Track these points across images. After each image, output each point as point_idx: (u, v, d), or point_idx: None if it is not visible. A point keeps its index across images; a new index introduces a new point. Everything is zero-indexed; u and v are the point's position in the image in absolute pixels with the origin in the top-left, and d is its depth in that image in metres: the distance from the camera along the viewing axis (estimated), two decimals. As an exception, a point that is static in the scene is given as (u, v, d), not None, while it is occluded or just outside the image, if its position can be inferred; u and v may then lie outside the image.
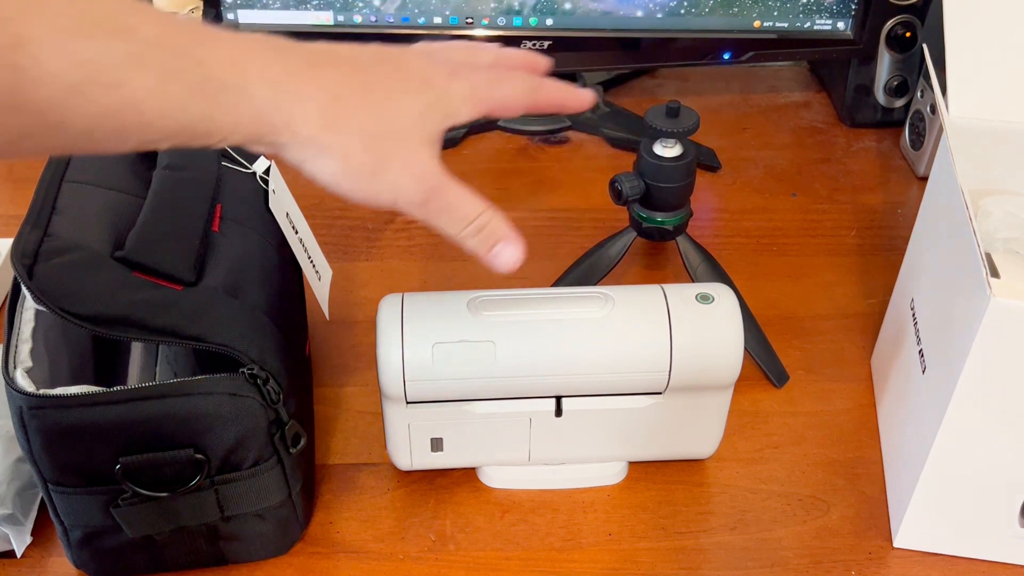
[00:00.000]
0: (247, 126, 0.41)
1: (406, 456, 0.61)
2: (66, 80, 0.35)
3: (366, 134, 0.43)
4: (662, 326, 0.57)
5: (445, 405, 0.58)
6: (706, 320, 0.57)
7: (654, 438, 0.62)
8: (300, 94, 0.42)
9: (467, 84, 0.47)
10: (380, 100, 0.44)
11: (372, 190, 0.44)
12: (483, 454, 0.62)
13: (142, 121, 0.38)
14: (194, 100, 0.39)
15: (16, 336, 0.55)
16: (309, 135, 0.42)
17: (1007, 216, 0.55)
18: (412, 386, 0.56)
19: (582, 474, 0.64)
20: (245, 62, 0.41)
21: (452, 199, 0.46)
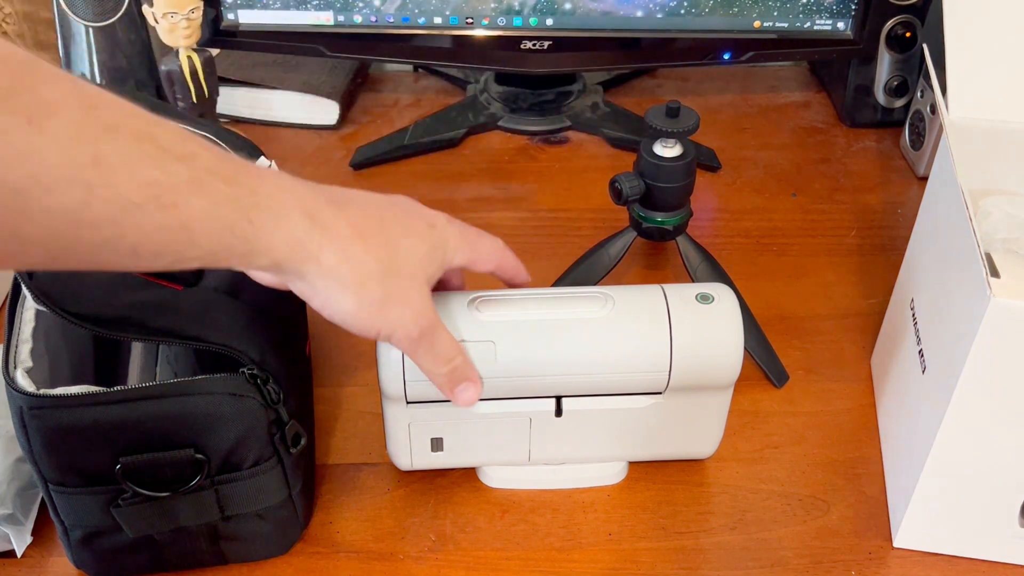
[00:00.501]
0: (280, 252, 0.44)
1: (406, 456, 0.61)
2: (131, 199, 0.37)
3: (380, 270, 0.48)
4: (662, 326, 0.56)
5: (445, 405, 0.58)
6: (706, 320, 0.57)
7: (654, 438, 0.62)
8: (330, 227, 0.46)
9: (458, 229, 0.54)
10: (394, 238, 0.49)
11: (376, 322, 0.49)
12: (483, 454, 0.62)
13: (189, 239, 0.40)
14: (240, 224, 0.42)
15: (16, 336, 0.55)
16: (332, 264, 0.46)
17: (1006, 217, 0.55)
18: (412, 386, 0.56)
19: (582, 474, 0.64)
20: (286, 194, 0.45)
21: (438, 339, 0.52)
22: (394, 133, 0.97)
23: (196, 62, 0.82)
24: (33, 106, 0.35)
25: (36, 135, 0.34)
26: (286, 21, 0.90)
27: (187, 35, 0.81)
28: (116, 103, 0.38)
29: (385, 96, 1.06)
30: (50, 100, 0.35)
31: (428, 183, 0.92)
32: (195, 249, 0.41)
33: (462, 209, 0.89)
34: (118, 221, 0.38)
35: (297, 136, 0.99)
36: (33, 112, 0.34)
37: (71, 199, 0.36)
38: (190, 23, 0.80)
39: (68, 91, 0.36)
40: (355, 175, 0.93)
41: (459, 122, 0.99)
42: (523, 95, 1.01)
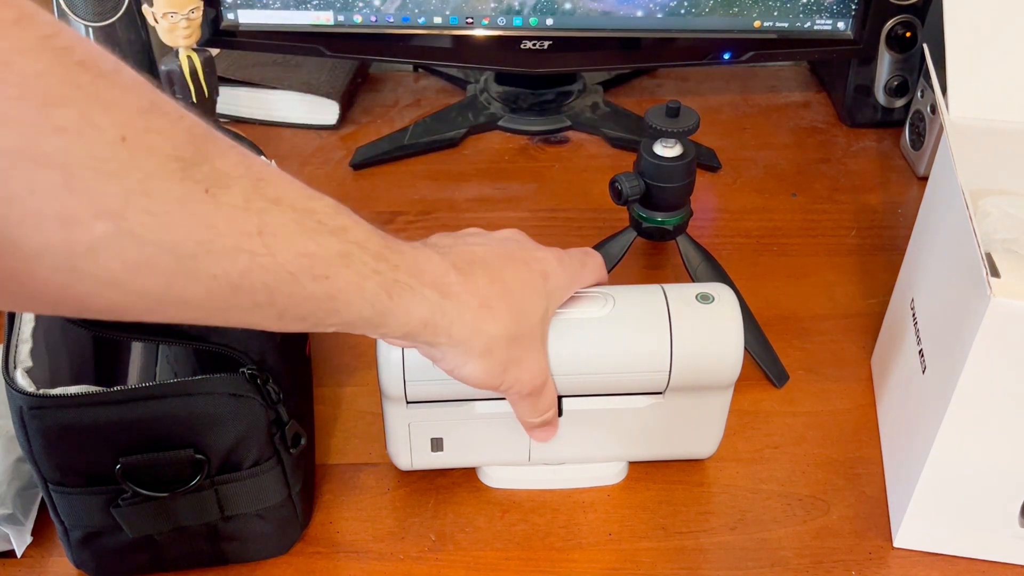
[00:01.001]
0: (414, 326, 0.46)
1: (406, 456, 0.61)
2: (287, 268, 0.39)
3: (506, 338, 0.50)
4: (662, 326, 0.56)
5: (445, 405, 0.58)
6: (706, 320, 0.57)
7: (654, 438, 0.62)
8: (460, 300, 0.48)
9: (568, 273, 0.56)
10: (517, 302, 0.51)
11: (497, 381, 0.52)
12: (483, 454, 0.62)
13: (332, 308, 0.42)
14: (381, 297, 0.44)
15: (16, 336, 0.55)
16: (463, 338, 0.49)
17: (1006, 216, 0.55)
18: (412, 387, 0.56)
19: (582, 474, 0.64)
20: (423, 269, 0.47)
21: (543, 396, 0.55)
22: (394, 133, 0.97)
23: (196, 62, 0.82)
24: (212, 177, 0.36)
25: (212, 204, 0.36)
26: (286, 21, 0.90)
27: (187, 35, 0.81)
28: (279, 176, 0.40)
29: (385, 96, 1.06)
30: (225, 172, 0.37)
31: (428, 183, 0.92)
32: (335, 317, 0.43)
33: (462, 209, 0.89)
34: (272, 289, 0.39)
35: (297, 136, 0.99)
36: (211, 183, 0.36)
37: (235, 266, 0.37)
38: (190, 23, 0.80)
39: (239, 163, 0.38)
40: (355, 175, 0.93)
41: (459, 122, 0.98)
42: (523, 95, 1.01)
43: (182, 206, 0.35)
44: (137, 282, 0.35)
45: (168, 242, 0.35)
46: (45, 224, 0.32)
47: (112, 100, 0.33)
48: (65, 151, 0.32)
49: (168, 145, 0.35)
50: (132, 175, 0.33)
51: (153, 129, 0.34)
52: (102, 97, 0.33)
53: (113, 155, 0.33)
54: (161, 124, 0.35)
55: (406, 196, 0.90)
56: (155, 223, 0.34)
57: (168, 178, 0.34)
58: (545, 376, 0.54)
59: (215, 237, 0.36)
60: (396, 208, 0.88)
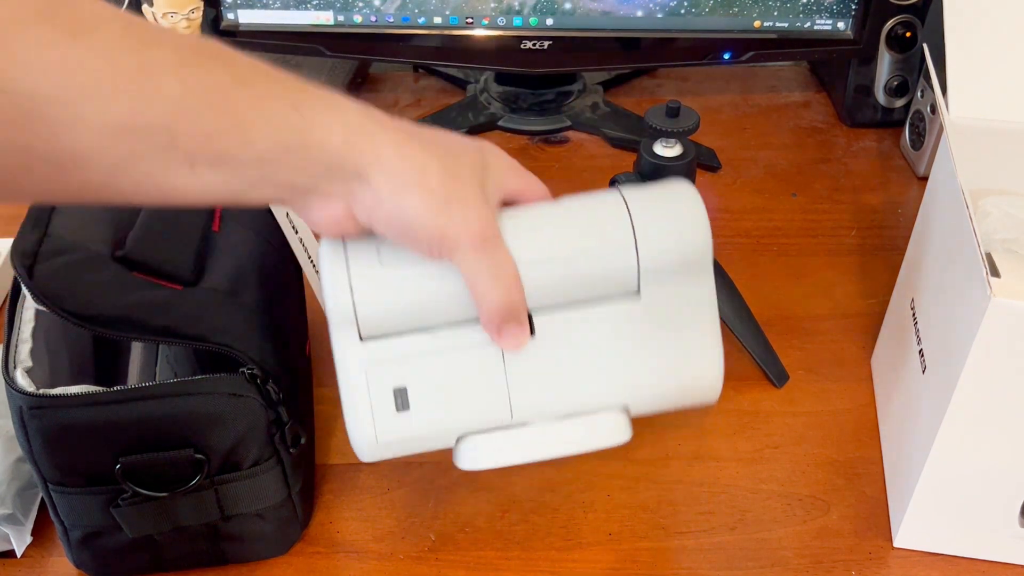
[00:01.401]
0: (336, 145, 0.43)
1: (367, 426, 0.51)
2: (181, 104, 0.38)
3: (440, 169, 0.45)
4: (618, 205, 0.52)
5: (404, 338, 0.51)
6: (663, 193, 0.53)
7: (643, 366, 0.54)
8: (381, 125, 0.45)
9: (506, 158, 0.52)
10: (444, 144, 0.47)
11: (442, 221, 0.45)
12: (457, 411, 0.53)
13: (243, 139, 0.40)
14: (291, 116, 0.41)
15: (16, 336, 0.55)
16: (392, 159, 0.44)
17: (1005, 216, 0.55)
18: (364, 309, 0.49)
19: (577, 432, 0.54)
20: (335, 101, 0.43)
21: (501, 254, 0.48)
22: (394, 133, 0.97)
23: (196, 62, 0.82)
24: (77, 19, 0.35)
25: (82, 47, 0.35)
26: (286, 21, 0.90)
27: (187, 35, 0.81)
28: (153, 24, 0.38)
29: (385, 96, 1.06)
30: (92, 15, 0.35)
31: (428, 183, 0.92)
32: (250, 150, 0.40)
33: (462, 209, 0.89)
34: (170, 128, 0.37)
35: (297, 136, 0.99)
36: (77, 25, 0.35)
37: (121, 107, 0.36)
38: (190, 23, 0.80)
39: (105, 8, 0.36)
40: (355, 175, 0.93)
41: (459, 122, 0.98)
42: (523, 95, 1.01)
43: (46, 50, 0.34)
44: (18, 137, 0.34)
45: (38, 90, 0.34)
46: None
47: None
48: None
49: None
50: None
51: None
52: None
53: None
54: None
55: (406, 196, 0.90)
56: (18, 71, 0.33)
57: (25, 22, 0.34)
58: (496, 227, 0.48)
59: (90, 80, 0.35)
60: (396, 208, 0.88)
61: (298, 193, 0.44)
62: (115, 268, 0.52)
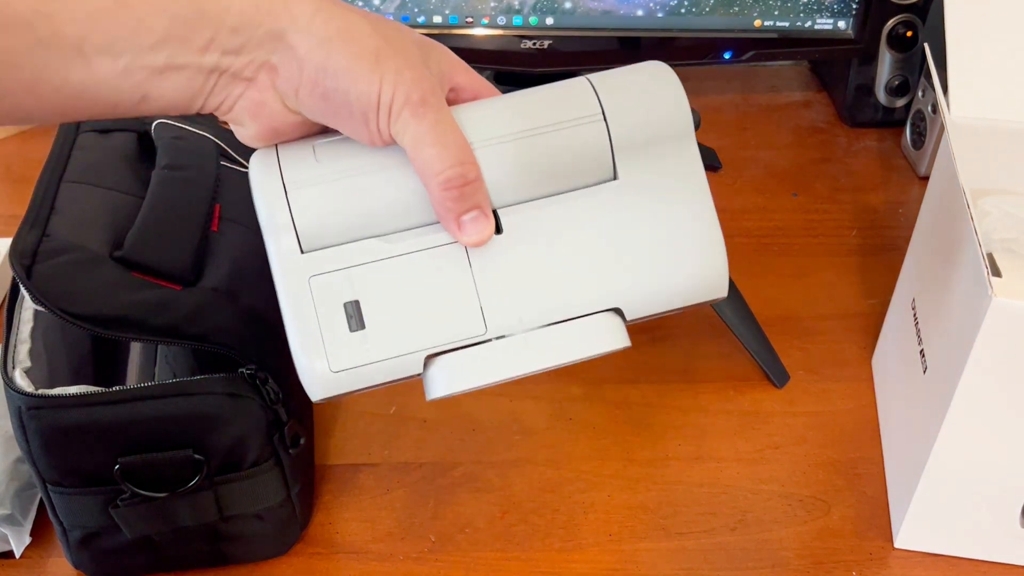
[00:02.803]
0: (243, 8, 0.38)
1: (319, 352, 0.43)
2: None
3: (367, 24, 0.41)
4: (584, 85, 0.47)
5: (352, 245, 0.44)
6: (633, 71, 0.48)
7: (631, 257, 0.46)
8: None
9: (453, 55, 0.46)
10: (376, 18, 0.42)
11: (375, 75, 0.40)
12: (420, 325, 0.44)
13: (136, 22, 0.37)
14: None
15: (15, 336, 0.55)
16: (308, 15, 0.39)
17: (1006, 216, 0.55)
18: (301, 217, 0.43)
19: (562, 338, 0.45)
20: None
21: (444, 121, 0.42)
22: (394, 133, 0.97)
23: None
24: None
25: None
26: (286, 20, 0.90)
27: (187, 34, 0.81)
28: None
29: (385, 96, 1.06)
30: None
31: (428, 183, 0.92)
32: (141, 29, 0.37)
33: (462, 209, 0.89)
34: (43, 13, 0.35)
35: (297, 136, 0.99)
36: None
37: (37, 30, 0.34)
38: (190, 22, 0.80)
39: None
40: (355, 175, 0.93)
41: (459, 122, 0.98)
42: (523, 95, 1.01)
43: None
44: None
45: None
46: None
47: None
48: None
49: None
50: None
51: None
52: None
53: None
54: None
55: (406, 196, 0.90)
56: None
57: None
58: (437, 89, 0.42)
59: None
60: (396, 208, 0.88)
61: (212, 79, 0.39)
62: (114, 268, 0.52)
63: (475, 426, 0.68)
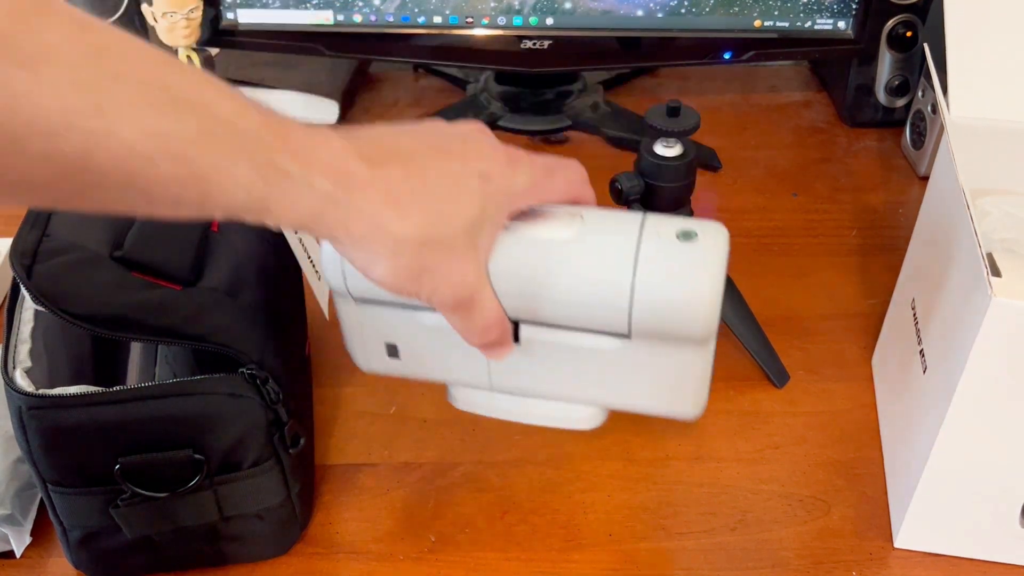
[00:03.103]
0: (303, 216, 0.42)
1: (363, 357, 0.56)
2: (136, 149, 0.36)
3: (416, 242, 0.44)
4: (627, 259, 0.49)
5: (395, 310, 0.52)
6: (681, 260, 0.49)
7: (625, 387, 0.54)
8: (361, 194, 0.42)
9: (528, 176, 0.48)
10: (436, 204, 0.44)
11: (412, 288, 0.45)
12: (440, 370, 0.55)
13: (203, 191, 0.38)
14: (256, 184, 0.39)
15: (15, 336, 0.55)
16: (361, 234, 0.43)
17: (1005, 216, 0.55)
18: (354, 282, 0.51)
19: (551, 411, 0.56)
20: (311, 154, 0.41)
21: (477, 311, 0.48)
22: (394, 133, 0.97)
23: (196, 62, 0.82)
24: (30, 51, 0.34)
25: (32, 81, 0.33)
26: (286, 20, 0.90)
27: (186, 34, 0.81)
28: (126, 47, 0.36)
29: (385, 96, 1.06)
30: (54, 45, 0.34)
31: (428, 183, 0.92)
32: (211, 202, 0.39)
33: (462, 209, 0.89)
34: (126, 171, 0.36)
35: (297, 136, 0.99)
36: (29, 57, 0.33)
37: (71, 147, 0.35)
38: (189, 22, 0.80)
39: (71, 35, 0.35)
40: (355, 175, 0.93)
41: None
42: (523, 95, 1.01)
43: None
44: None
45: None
46: None
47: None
48: None
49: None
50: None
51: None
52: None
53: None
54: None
55: (406, 196, 0.90)
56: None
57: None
58: (473, 290, 0.47)
59: (41, 116, 0.34)
60: (396, 208, 0.88)
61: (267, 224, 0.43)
62: (114, 268, 0.52)
63: (475, 426, 0.68)
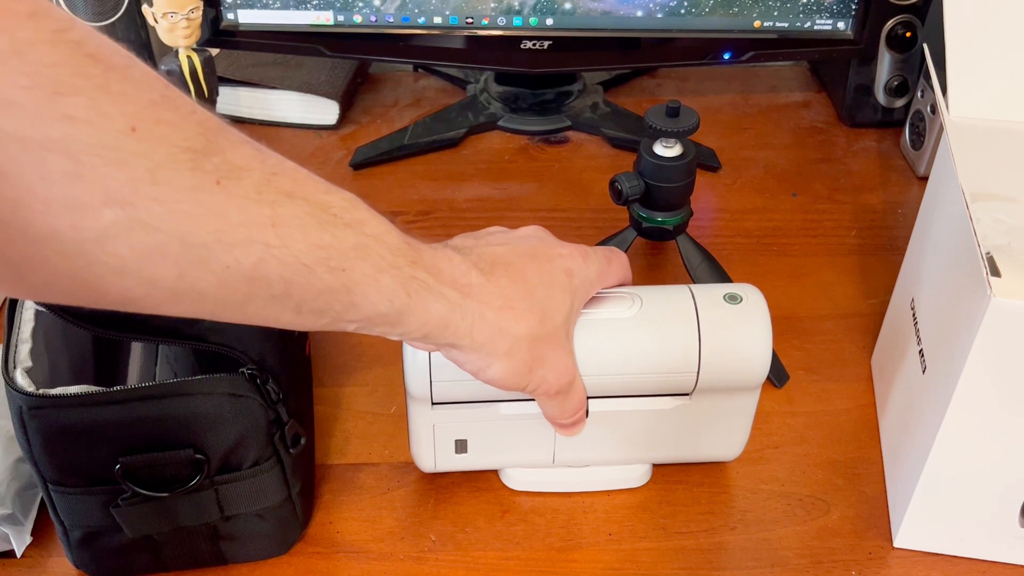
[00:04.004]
0: (434, 325, 0.46)
1: (430, 458, 0.61)
2: (302, 260, 0.40)
3: (529, 337, 0.50)
4: (690, 327, 0.56)
5: (470, 406, 0.58)
6: (735, 321, 0.56)
7: (680, 440, 0.61)
8: (482, 301, 0.48)
9: (595, 268, 0.55)
10: (541, 301, 0.51)
11: (523, 383, 0.51)
12: (507, 456, 0.62)
13: (349, 302, 0.42)
14: (398, 293, 0.44)
15: (16, 336, 0.55)
16: (484, 339, 0.48)
17: (996, 222, 0.55)
18: (438, 387, 0.56)
19: (606, 476, 0.63)
20: (440, 266, 0.47)
21: (571, 396, 0.54)
22: (394, 133, 0.97)
23: (196, 62, 0.82)
24: (223, 168, 0.36)
25: (223, 195, 0.36)
26: (286, 21, 0.90)
27: (187, 35, 0.81)
28: (294, 170, 0.40)
29: (385, 96, 1.06)
30: (237, 164, 0.37)
31: (428, 183, 0.92)
32: (353, 311, 0.43)
33: (462, 209, 0.89)
34: (288, 280, 0.39)
35: (297, 136, 0.99)
36: (222, 174, 0.36)
37: (248, 257, 0.38)
38: (190, 23, 0.80)
39: (252, 156, 0.38)
40: (355, 175, 0.93)
41: (459, 122, 0.98)
42: (523, 95, 1.01)
43: (192, 195, 0.35)
44: (148, 270, 0.36)
45: (178, 231, 0.35)
46: (53, 209, 0.33)
47: (122, 91, 0.34)
48: (73, 139, 0.32)
49: (178, 136, 0.35)
50: (141, 163, 0.34)
51: (163, 120, 0.35)
52: (112, 88, 0.33)
53: (121, 144, 0.33)
54: (172, 116, 0.35)
55: (406, 196, 0.90)
56: (164, 211, 0.35)
57: (178, 168, 0.35)
58: (572, 375, 0.54)
59: (226, 227, 0.37)
60: (396, 208, 0.88)
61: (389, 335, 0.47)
62: (115, 268, 0.52)
63: (475, 426, 0.68)
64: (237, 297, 0.39)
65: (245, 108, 1.00)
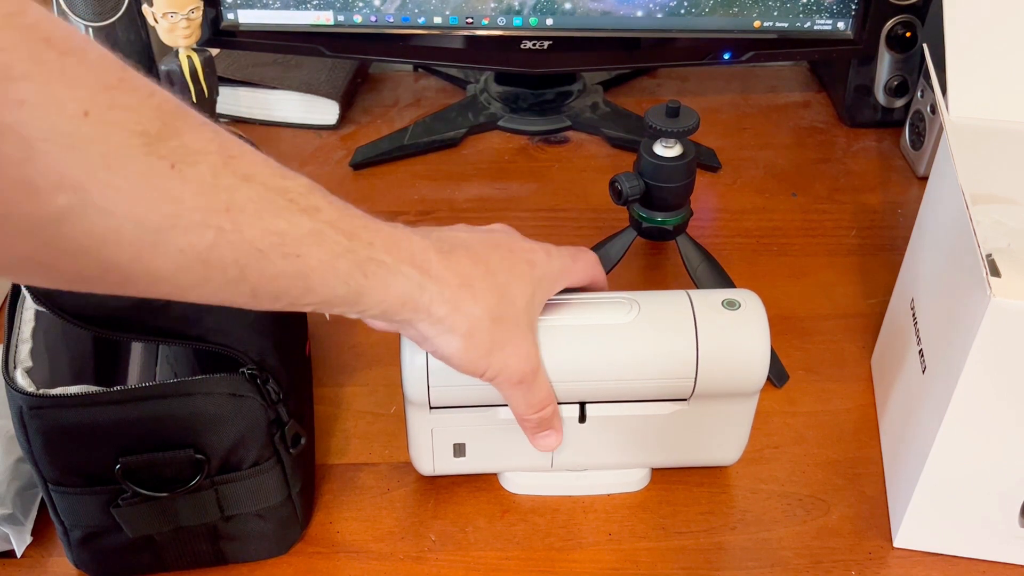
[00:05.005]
0: (392, 303, 0.46)
1: (428, 461, 0.61)
2: (256, 245, 0.40)
3: (488, 318, 0.49)
4: (688, 333, 0.56)
5: (469, 411, 0.58)
6: (733, 326, 0.56)
7: (678, 445, 0.61)
8: (440, 279, 0.48)
9: (558, 262, 0.55)
10: (501, 285, 0.50)
11: (481, 366, 0.51)
12: (506, 460, 0.62)
13: (306, 287, 0.43)
14: (355, 275, 0.44)
15: (16, 336, 0.55)
16: (442, 316, 0.48)
17: (995, 224, 0.55)
18: (436, 391, 0.56)
19: (605, 480, 0.63)
20: (399, 246, 0.46)
21: (536, 386, 0.54)
22: (394, 133, 0.97)
23: (196, 62, 0.82)
24: (179, 153, 0.37)
25: (177, 179, 0.36)
26: (286, 21, 0.90)
27: (187, 35, 0.81)
28: (252, 154, 0.40)
29: (385, 96, 1.06)
30: (194, 148, 0.37)
31: (428, 183, 0.92)
32: (310, 296, 0.43)
33: (462, 209, 0.89)
34: (243, 265, 0.40)
35: (297, 136, 0.99)
36: (177, 158, 0.36)
37: (202, 240, 0.38)
38: (190, 23, 0.80)
39: (210, 139, 0.38)
40: (355, 175, 0.93)
41: (459, 122, 0.98)
42: (523, 95, 1.01)
43: (146, 180, 0.36)
44: (102, 253, 0.36)
45: (131, 214, 0.35)
46: (7, 193, 0.33)
47: (76, 76, 0.34)
48: (25, 123, 0.32)
49: (133, 120, 0.35)
50: (94, 148, 0.34)
51: (118, 105, 0.35)
52: (66, 73, 0.33)
53: (74, 129, 0.33)
54: (128, 100, 0.35)
55: (406, 196, 0.90)
56: (118, 196, 0.35)
57: (132, 152, 0.35)
58: (535, 363, 0.53)
59: (181, 211, 0.37)
60: (396, 208, 0.88)
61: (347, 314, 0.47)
62: (115, 268, 0.52)
63: (475, 426, 0.68)
64: (192, 280, 0.39)
65: (245, 108, 1.00)
